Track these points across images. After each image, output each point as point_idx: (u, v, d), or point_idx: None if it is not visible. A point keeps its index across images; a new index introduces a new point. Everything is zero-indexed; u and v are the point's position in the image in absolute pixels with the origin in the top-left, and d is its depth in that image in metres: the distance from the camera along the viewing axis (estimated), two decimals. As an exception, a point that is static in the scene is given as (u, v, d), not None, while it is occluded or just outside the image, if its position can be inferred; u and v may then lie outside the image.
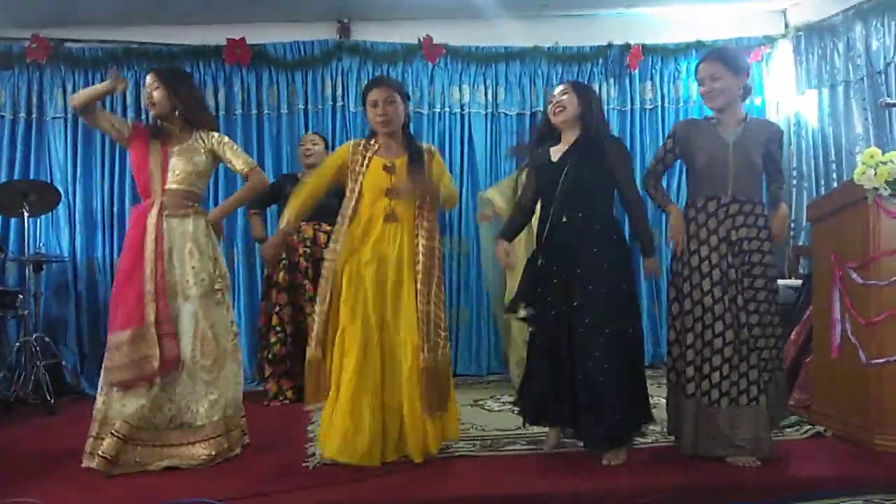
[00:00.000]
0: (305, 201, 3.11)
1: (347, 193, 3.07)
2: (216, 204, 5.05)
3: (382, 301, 2.97)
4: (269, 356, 4.34)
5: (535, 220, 3.21)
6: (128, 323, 2.88)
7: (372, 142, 3.12)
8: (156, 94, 3.06)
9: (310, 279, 4.27)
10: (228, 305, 3.14)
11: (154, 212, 2.97)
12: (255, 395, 4.31)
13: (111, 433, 2.82)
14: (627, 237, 3.19)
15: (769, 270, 2.97)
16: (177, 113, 3.07)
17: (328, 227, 4.15)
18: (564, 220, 2.98)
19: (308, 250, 4.37)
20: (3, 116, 5.10)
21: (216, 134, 3.17)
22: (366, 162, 3.06)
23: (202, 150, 3.11)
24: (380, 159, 3.07)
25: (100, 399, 2.93)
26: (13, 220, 4.95)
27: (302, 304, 4.33)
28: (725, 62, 2.98)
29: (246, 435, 3.19)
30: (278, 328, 4.33)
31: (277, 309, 4.35)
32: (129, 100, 5.09)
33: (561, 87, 3.10)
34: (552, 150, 3.08)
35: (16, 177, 4.96)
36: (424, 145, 3.20)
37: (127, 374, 2.87)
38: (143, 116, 4.74)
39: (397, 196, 2.98)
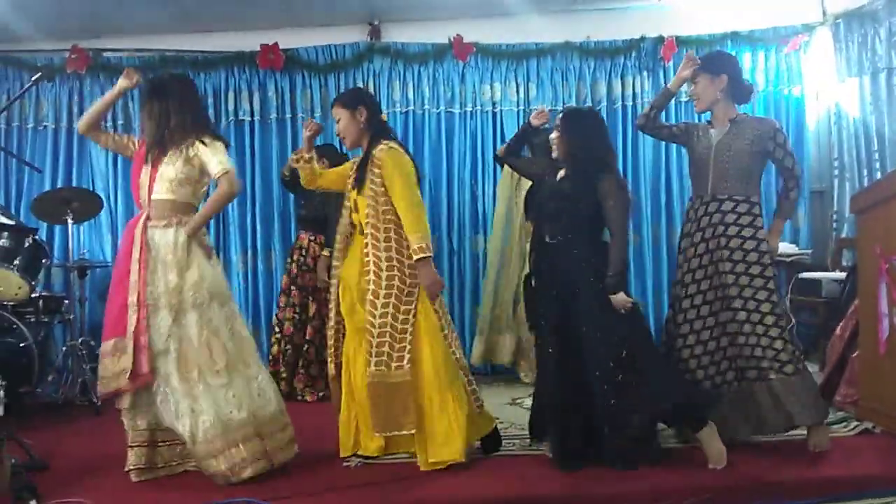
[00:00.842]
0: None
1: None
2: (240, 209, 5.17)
3: (352, 314, 3.05)
4: (269, 358, 4.50)
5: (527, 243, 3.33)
6: (112, 333, 2.86)
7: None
8: (150, 111, 2.99)
9: (297, 286, 4.45)
10: (230, 314, 2.99)
11: (140, 222, 2.94)
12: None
13: (130, 445, 2.85)
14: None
15: (741, 268, 2.99)
16: (171, 125, 2.95)
17: (321, 239, 4.39)
18: (550, 240, 3.04)
19: (302, 258, 4.50)
20: (45, 126, 5.23)
21: (206, 140, 2.96)
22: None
23: (187, 158, 2.94)
24: (352, 173, 3.12)
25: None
26: (57, 228, 5.08)
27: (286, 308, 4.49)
28: (702, 66, 3.07)
29: (282, 450, 2.97)
30: (276, 329, 4.49)
31: (276, 311, 4.56)
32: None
33: (556, 124, 3.14)
34: (561, 170, 3.12)
35: (59, 185, 5.08)
36: (378, 148, 2.98)
37: (109, 385, 2.84)
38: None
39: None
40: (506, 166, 3.81)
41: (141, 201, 3.00)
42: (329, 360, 3.16)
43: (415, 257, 2.89)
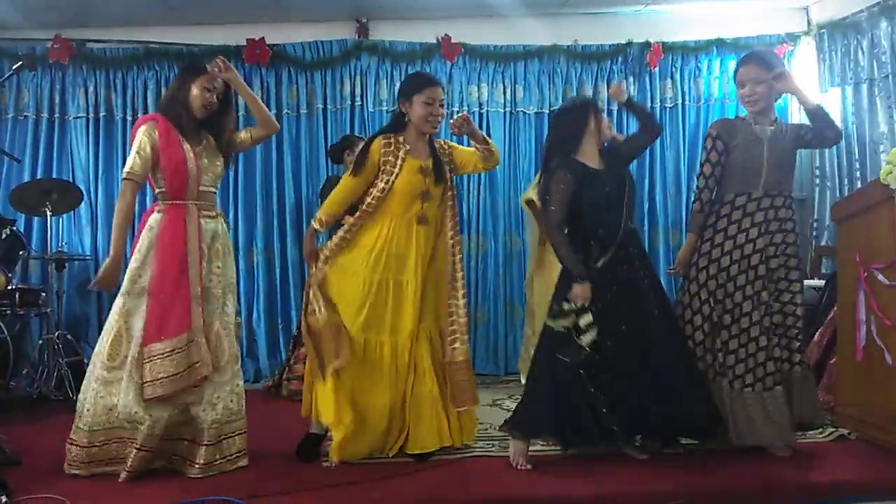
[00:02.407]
0: (342, 203, 3.09)
1: (374, 192, 3.01)
2: (223, 204, 5.10)
3: (409, 305, 3.01)
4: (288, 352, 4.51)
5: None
6: (181, 328, 2.79)
7: (402, 140, 3.04)
8: (219, 101, 2.99)
9: None
10: (234, 308, 3.06)
11: (194, 214, 2.90)
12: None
13: (138, 448, 2.76)
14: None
15: (793, 262, 3.07)
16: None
17: None
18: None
19: None
20: (26, 116, 5.15)
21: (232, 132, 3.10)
22: (399, 162, 3.00)
23: (218, 153, 3.04)
24: (414, 161, 3.02)
25: (89, 412, 2.80)
26: (36, 219, 5.00)
27: None
28: (768, 66, 3.04)
29: (242, 454, 2.95)
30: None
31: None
32: (150, 99, 5.11)
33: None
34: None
35: (38, 176, 5.01)
36: (440, 141, 3.19)
37: (176, 385, 2.76)
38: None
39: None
40: None
41: (186, 191, 2.90)
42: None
43: None
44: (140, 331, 2.81)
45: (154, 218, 2.91)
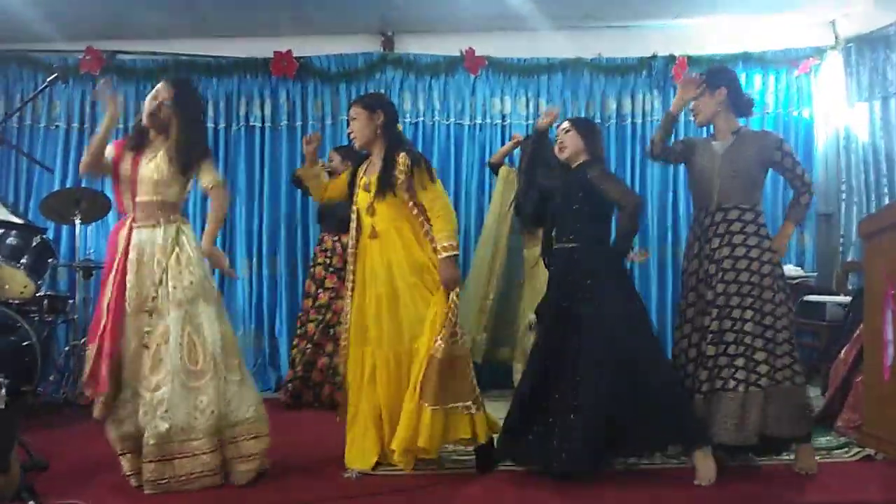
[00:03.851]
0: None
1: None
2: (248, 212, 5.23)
3: (378, 314, 3.04)
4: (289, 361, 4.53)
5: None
6: (91, 339, 2.88)
7: (370, 159, 3.17)
8: (164, 109, 2.93)
9: (323, 288, 4.44)
10: (214, 314, 2.90)
11: (126, 225, 2.92)
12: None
13: (121, 452, 2.82)
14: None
15: (762, 270, 2.97)
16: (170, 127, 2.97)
17: (345, 239, 4.27)
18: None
19: (328, 260, 4.48)
20: (57, 126, 5.27)
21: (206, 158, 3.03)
22: (358, 180, 3.16)
23: (166, 161, 2.92)
24: (364, 177, 3.14)
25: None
26: (65, 228, 5.09)
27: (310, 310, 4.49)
28: (705, 80, 3.13)
29: (253, 459, 2.87)
30: (298, 332, 4.49)
31: (301, 314, 4.54)
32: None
33: (564, 125, 3.23)
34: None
35: (69, 185, 5.11)
36: (402, 157, 3.01)
37: (85, 391, 2.89)
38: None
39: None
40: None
41: (125, 205, 2.96)
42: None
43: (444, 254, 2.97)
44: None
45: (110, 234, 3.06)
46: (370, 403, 3.06)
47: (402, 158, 3.00)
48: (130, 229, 2.90)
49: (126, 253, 2.87)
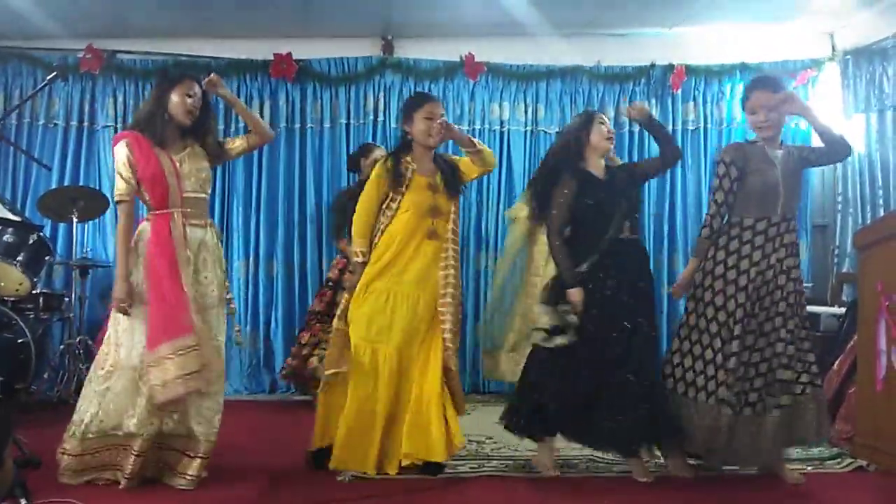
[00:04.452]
0: (369, 226, 3.12)
1: (387, 211, 3.09)
2: (245, 215, 5.20)
3: (413, 317, 3.03)
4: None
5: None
6: (187, 329, 2.78)
7: (408, 158, 3.12)
8: (200, 106, 2.99)
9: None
10: (225, 322, 3.03)
11: (179, 221, 2.89)
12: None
13: (136, 454, 2.78)
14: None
15: (800, 286, 3.07)
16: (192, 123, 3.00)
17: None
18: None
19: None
20: (56, 125, 5.26)
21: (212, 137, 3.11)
22: (406, 180, 3.08)
23: (204, 157, 3.02)
24: (421, 178, 3.09)
25: (89, 412, 2.83)
26: (62, 226, 5.09)
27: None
28: (777, 89, 3.05)
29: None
30: (306, 331, 4.48)
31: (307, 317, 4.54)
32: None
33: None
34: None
35: (66, 183, 5.11)
36: (444, 156, 3.23)
37: (189, 385, 2.74)
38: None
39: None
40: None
41: (168, 200, 2.90)
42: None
43: None
44: (142, 338, 2.81)
45: (142, 227, 2.95)
46: (384, 404, 2.99)
47: (452, 158, 3.22)
48: (184, 225, 2.90)
49: (187, 247, 2.89)
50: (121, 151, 2.90)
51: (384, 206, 3.10)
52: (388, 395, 2.99)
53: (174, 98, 2.93)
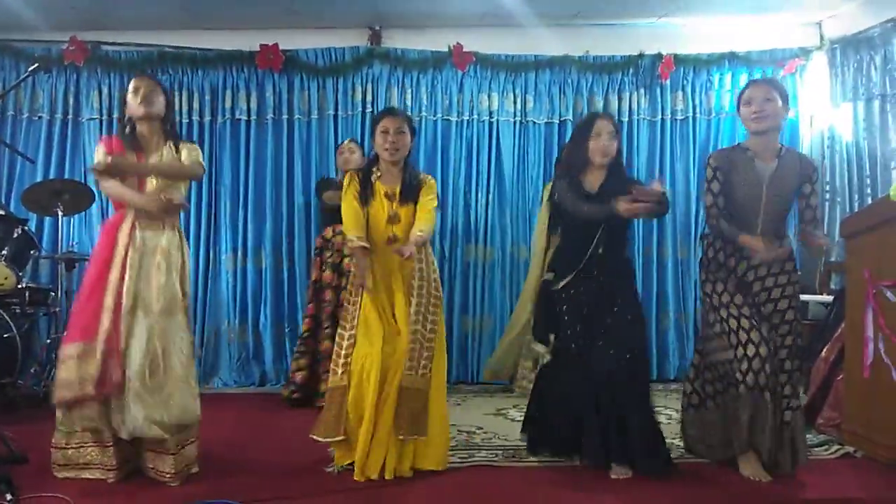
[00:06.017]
0: (359, 217, 3.12)
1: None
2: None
3: (388, 322, 3.04)
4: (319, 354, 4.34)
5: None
6: (82, 336, 2.77)
7: (374, 168, 3.20)
8: (159, 98, 2.98)
9: (330, 287, 4.36)
10: (185, 327, 2.95)
11: (127, 224, 2.86)
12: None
13: (107, 445, 2.80)
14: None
15: (790, 305, 2.99)
16: (160, 121, 3.00)
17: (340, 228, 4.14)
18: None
19: (335, 258, 4.41)
20: (40, 117, 5.21)
21: (190, 144, 3.11)
22: (370, 189, 3.14)
23: (175, 156, 2.99)
24: (382, 186, 3.15)
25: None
26: (48, 219, 5.05)
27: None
28: (777, 88, 3.01)
29: (194, 462, 2.96)
30: (327, 325, 4.32)
31: (328, 307, 4.35)
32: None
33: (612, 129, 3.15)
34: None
35: (51, 176, 5.05)
36: (421, 175, 3.25)
37: (70, 392, 2.76)
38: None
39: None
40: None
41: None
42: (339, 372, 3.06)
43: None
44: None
45: (107, 222, 2.98)
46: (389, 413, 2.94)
47: (432, 182, 3.20)
48: (133, 227, 2.86)
49: (126, 251, 2.83)
50: (97, 154, 2.96)
51: None
52: (373, 400, 2.96)
53: (129, 99, 2.97)
